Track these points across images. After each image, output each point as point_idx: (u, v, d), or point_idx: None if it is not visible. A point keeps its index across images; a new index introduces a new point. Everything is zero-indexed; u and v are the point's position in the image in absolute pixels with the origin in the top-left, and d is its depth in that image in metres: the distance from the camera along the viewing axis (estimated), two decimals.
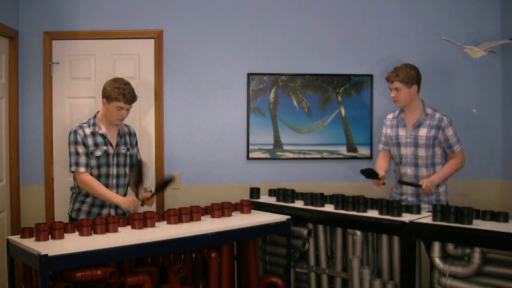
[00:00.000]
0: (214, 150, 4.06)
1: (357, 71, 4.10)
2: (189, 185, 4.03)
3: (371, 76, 4.10)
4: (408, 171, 3.39)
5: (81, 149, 3.15)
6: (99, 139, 3.22)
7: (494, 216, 2.79)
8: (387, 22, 4.10)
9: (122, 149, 3.31)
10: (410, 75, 3.32)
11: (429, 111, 3.38)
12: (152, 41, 4.00)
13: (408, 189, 3.39)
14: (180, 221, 2.92)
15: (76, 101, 3.97)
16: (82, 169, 3.14)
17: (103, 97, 3.21)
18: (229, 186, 4.03)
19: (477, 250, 2.58)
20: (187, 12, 4.02)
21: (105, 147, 3.22)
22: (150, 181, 3.96)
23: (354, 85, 4.11)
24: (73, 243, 2.47)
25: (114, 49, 3.99)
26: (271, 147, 4.09)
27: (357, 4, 4.10)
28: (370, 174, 3.32)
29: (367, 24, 4.10)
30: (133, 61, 4.01)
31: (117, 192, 3.25)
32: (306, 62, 4.09)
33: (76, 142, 3.16)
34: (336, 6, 4.09)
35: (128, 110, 3.24)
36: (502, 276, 2.55)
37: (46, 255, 2.25)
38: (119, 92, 3.15)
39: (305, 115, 4.10)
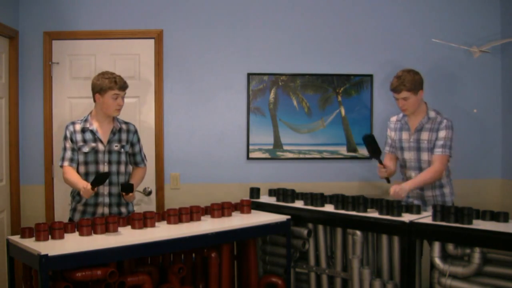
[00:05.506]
0: (214, 150, 4.06)
1: (357, 71, 4.10)
2: (189, 185, 4.03)
3: (371, 76, 4.09)
4: (413, 175, 3.34)
5: (68, 144, 3.22)
6: (88, 136, 3.23)
7: (494, 216, 2.79)
8: (387, 22, 4.10)
9: (115, 146, 3.27)
10: (416, 82, 3.23)
11: (432, 114, 3.31)
12: (152, 41, 4.00)
13: (414, 193, 3.35)
14: (180, 221, 2.92)
15: (76, 101, 3.96)
16: (65, 163, 3.20)
17: (95, 93, 3.23)
18: (229, 186, 4.03)
19: (477, 250, 2.57)
20: (187, 12, 4.02)
21: (93, 144, 3.22)
22: (149, 182, 3.97)
23: (354, 85, 4.11)
24: (73, 243, 2.47)
25: (114, 49, 4.00)
26: (271, 147, 4.08)
27: (357, 4, 4.10)
28: (372, 144, 3.23)
29: (367, 24, 4.10)
30: (133, 61, 4.01)
31: (109, 190, 3.23)
32: (306, 62, 4.08)
33: (65, 138, 3.25)
34: (336, 6, 4.09)
35: (123, 98, 3.25)
36: (502, 276, 2.55)
37: (46, 255, 2.25)
38: (111, 81, 3.18)
39: (305, 115, 4.09)
